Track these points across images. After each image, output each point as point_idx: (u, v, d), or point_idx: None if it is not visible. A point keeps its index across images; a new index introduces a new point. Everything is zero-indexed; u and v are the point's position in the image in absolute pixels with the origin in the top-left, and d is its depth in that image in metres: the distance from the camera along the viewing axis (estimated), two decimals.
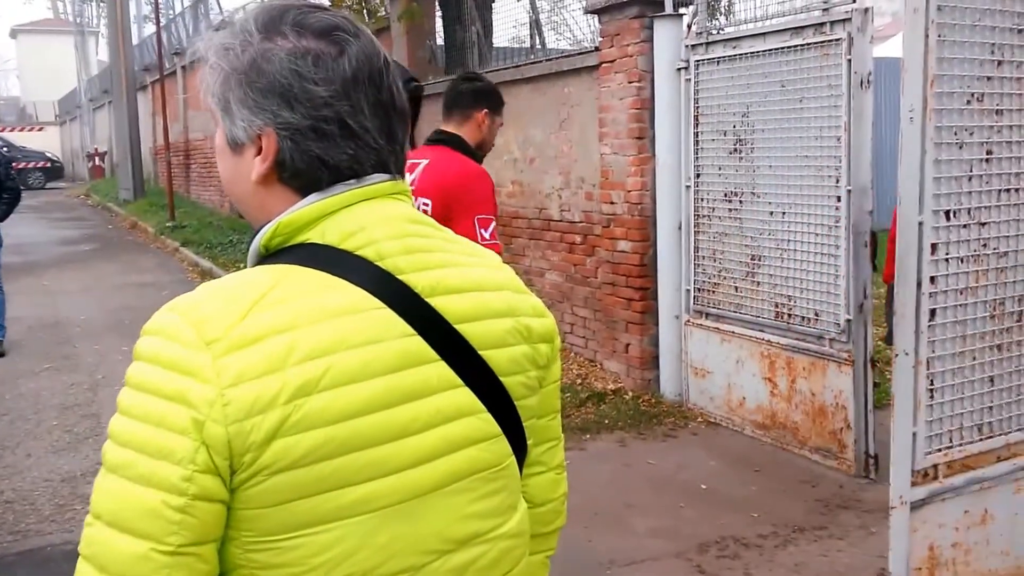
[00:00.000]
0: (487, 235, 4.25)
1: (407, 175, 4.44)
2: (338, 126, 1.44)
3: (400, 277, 1.44)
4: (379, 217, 1.47)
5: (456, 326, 1.47)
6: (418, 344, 1.43)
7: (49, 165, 40.93)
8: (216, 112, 1.49)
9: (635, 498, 6.08)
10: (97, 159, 39.72)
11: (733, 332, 7.37)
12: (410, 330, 1.42)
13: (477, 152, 4.63)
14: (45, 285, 15.01)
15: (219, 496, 1.30)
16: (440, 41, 12.61)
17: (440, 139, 4.58)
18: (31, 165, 39.48)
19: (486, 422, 1.50)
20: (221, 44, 1.47)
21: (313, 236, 1.44)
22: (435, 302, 1.46)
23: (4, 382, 9.36)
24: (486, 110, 4.67)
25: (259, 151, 1.45)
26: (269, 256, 1.46)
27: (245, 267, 1.51)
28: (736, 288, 7.31)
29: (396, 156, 1.52)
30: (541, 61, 9.63)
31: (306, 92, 1.42)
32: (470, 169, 4.43)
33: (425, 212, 4.32)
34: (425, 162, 4.46)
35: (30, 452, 7.28)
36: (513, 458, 1.57)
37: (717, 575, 5.08)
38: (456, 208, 4.24)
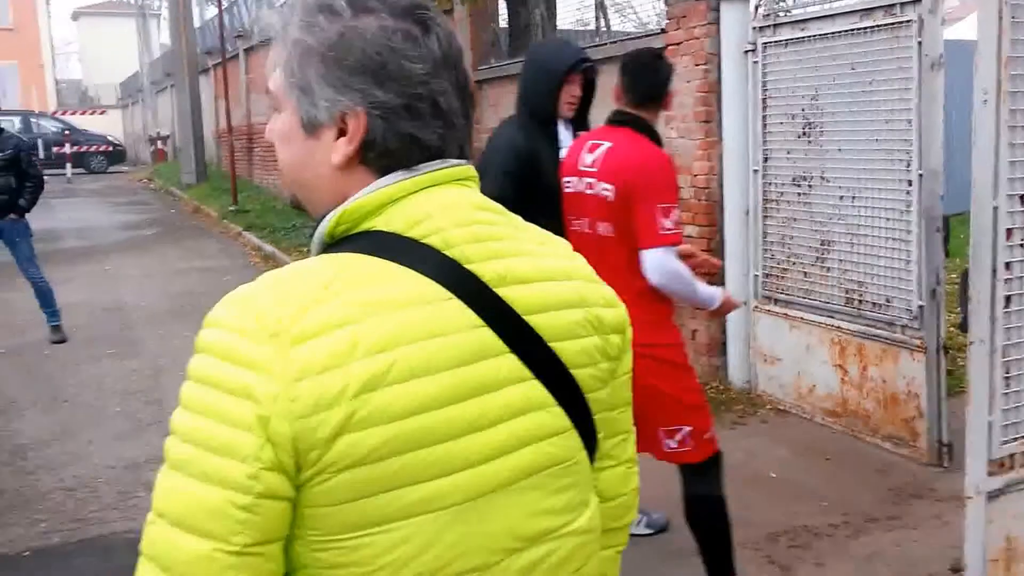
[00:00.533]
0: (669, 224, 4.05)
1: (587, 155, 4.32)
2: (430, 105, 1.40)
3: (468, 266, 1.39)
4: (445, 204, 1.42)
5: (525, 317, 1.42)
6: (487, 336, 1.38)
7: (111, 149, 41.12)
8: (286, 92, 1.44)
9: None
10: (159, 143, 40.05)
11: (802, 318, 7.25)
12: (479, 321, 1.37)
13: (659, 136, 4.43)
14: (107, 270, 15.14)
15: (285, 494, 1.26)
16: (503, 24, 12.56)
17: (623, 120, 4.40)
18: (93, 148, 39.75)
19: (556, 416, 1.45)
20: (302, 19, 1.42)
21: (379, 224, 1.39)
22: (504, 292, 1.41)
23: (66, 368, 9.44)
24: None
25: (341, 132, 1.41)
26: (333, 244, 1.42)
27: (309, 252, 1.47)
28: (805, 274, 7.20)
29: (469, 138, 1.49)
30: (606, 44, 9.53)
31: (402, 69, 1.38)
32: (654, 156, 4.24)
33: (606, 198, 4.17)
34: (608, 145, 4.31)
35: (92, 439, 7.32)
36: (584, 452, 1.52)
37: (788, 565, 5.00)
38: (637, 195, 4.08)
